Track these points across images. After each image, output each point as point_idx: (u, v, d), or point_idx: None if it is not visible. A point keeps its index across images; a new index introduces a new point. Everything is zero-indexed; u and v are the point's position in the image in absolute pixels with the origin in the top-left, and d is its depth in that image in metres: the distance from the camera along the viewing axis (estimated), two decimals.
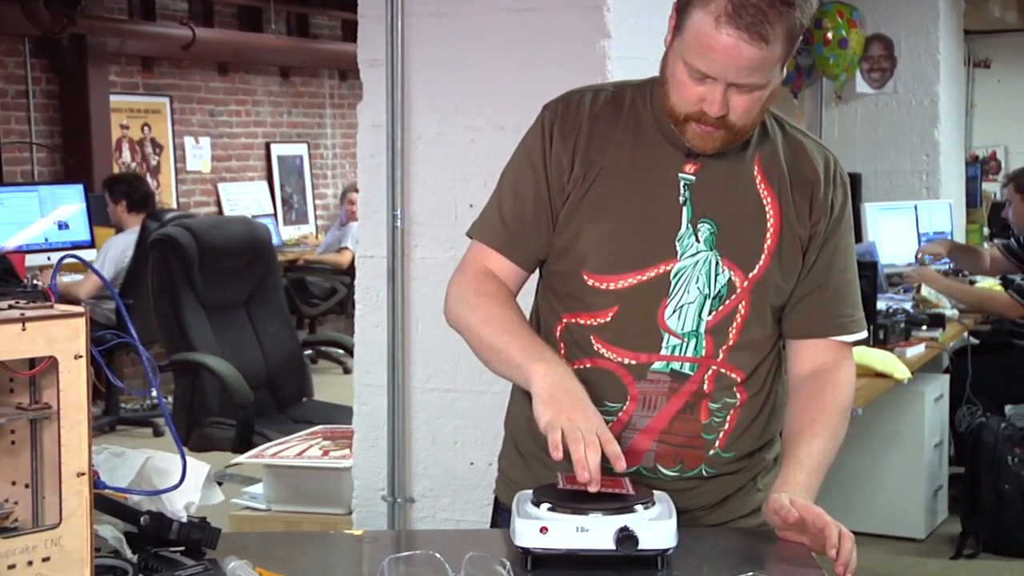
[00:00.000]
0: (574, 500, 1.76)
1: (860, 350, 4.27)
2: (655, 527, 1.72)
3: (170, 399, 5.16)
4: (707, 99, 1.86)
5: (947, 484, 5.29)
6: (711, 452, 2.01)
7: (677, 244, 1.96)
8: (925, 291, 5.36)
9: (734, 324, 1.98)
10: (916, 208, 6.32)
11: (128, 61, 8.60)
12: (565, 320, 2.02)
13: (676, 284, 1.95)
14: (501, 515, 2.16)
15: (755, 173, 1.99)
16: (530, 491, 1.83)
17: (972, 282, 5.74)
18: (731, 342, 1.98)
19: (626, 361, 1.98)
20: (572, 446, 1.76)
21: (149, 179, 8.41)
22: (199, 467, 1.77)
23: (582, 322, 2.00)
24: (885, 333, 4.51)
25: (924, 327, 4.82)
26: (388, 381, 3.21)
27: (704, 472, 2.02)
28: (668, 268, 1.95)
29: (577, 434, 1.77)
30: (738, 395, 2.01)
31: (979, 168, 8.01)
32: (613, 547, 1.69)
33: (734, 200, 1.97)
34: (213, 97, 9.35)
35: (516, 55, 3.04)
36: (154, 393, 1.67)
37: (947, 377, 5.25)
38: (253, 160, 9.75)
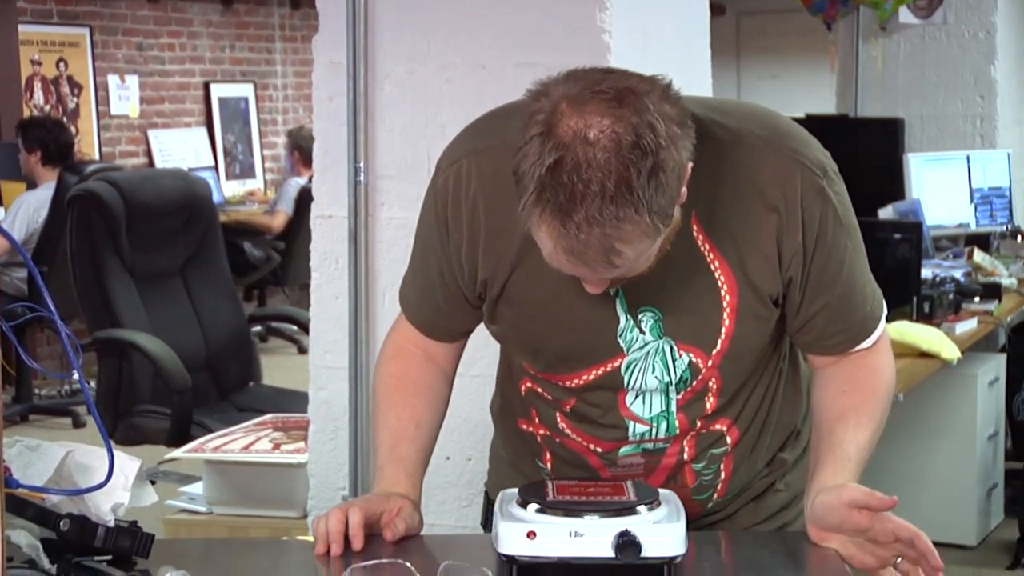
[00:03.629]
0: (567, 500, 1.78)
1: (902, 326, 4.29)
2: (661, 531, 1.74)
3: (93, 383, 5.15)
4: (585, 281, 1.76)
5: (1003, 482, 5.30)
6: (710, 505, 2.05)
7: (620, 340, 1.91)
8: (979, 256, 5.35)
9: (708, 396, 1.96)
10: (968, 159, 6.31)
11: None
12: (528, 384, 2.04)
13: (631, 376, 1.93)
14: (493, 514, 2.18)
15: (694, 234, 1.84)
16: (515, 490, 1.84)
17: None
18: (708, 411, 1.97)
19: (592, 447, 2.00)
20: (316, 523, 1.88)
21: (67, 125, 8.38)
22: (128, 463, 1.78)
23: (547, 397, 2.01)
24: (931, 306, 4.50)
25: (977, 298, 4.82)
26: (350, 362, 3.21)
27: (706, 512, 2.07)
28: (617, 364, 1.93)
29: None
30: (728, 439, 2.01)
31: None
32: (612, 555, 1.71)
33: (674, 278, 1.85)
34: (142, 28, 9.30)
35: None
36: (75, 376, 1.66)
37: (1003, 357, 5.26)
38: (189, 103, 9.72)
